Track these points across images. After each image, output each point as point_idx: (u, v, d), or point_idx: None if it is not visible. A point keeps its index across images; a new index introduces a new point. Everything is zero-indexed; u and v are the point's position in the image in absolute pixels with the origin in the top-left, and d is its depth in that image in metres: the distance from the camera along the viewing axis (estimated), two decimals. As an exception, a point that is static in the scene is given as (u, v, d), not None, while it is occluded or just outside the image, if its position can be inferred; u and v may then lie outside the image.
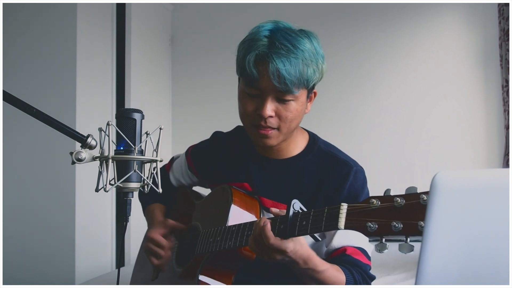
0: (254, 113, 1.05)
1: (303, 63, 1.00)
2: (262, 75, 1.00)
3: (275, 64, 0.98)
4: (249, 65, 1.01)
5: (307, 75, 1.01)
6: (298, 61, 0.99)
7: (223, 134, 1.31)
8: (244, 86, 1.06)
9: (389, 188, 0.76)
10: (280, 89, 1.00)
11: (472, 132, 2.75)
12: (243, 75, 1.04)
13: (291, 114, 1.04)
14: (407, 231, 0.71)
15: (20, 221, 2.58)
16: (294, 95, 1.02)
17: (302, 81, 1.01)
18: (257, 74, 1.00)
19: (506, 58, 2.58)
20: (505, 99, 2.61)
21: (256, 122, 1.05)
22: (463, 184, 0.50)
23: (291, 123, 1.06)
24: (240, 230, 1.01)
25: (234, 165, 1.21)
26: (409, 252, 0.71)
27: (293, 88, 1.00)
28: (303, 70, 1.00)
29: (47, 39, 2.60)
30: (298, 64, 0.99)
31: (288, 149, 1.15)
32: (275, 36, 1.01)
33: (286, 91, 1.01)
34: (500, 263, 0.49)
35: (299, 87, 1.02)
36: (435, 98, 2.82)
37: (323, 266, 0.95)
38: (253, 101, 1.05)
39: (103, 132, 0.81)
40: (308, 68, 1.01)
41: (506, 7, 2.59)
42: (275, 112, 1.03)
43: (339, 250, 1.05)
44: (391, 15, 2.94)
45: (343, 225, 0.79)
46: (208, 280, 1.06)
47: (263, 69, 1.00)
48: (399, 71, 2.92)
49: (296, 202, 0.89)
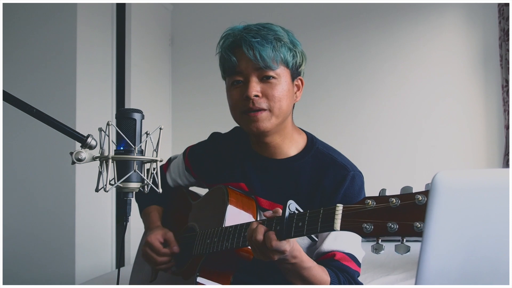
0: (241, 99, 1.07)
1: (276, 40, 1.06)
2: (240, 57, 1.06)
3: (248, 40, 1.04)
4: (226, 53, 1.08)
5: (282, 52, 1.06)
6: (270, 37, 1.05)
7: (221, 135, 1.31)
8: (229, 78, 1.10)
9: (384, 188, 0.76)
10: (259, 65, 1.04)
11: (472, 132, 2.75)
12: (225, 68, 1.10)
13: (277, 92, 1.06)
14: (402, 232, 0.71)
15: (20, 221, 2.58)
16: (275, 71, 1.06)
17: (278, 56, 1.05)
18: (235, 58, 1.06)
19: (506, 58, 2.58)
20: (505, 99, 2.61)
21: (245, 107, 1.07)
22: (463, 184, 0.50)
23: (280, 102, 1.07)
24: (237, 231, 1.01)
25: (231, 165, 1.21)
26: (406, 253, 0.71)
27: (271, 62, 1.04)
28: (276, 45, 1.05)
29: (47, 39, 2.60)
30: (271, 39, 1.05)
31: (284, 148, 1.14)
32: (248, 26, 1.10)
33: (265, 66, 1.04)
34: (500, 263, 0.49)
35: (277, 62, 1.05)
36: (435, 98, 2.82)
37: (309, 263, 0.96)
38: (238, 89, 1.08)
39: (103, 132, 0.81)
40: (282, 46, 1.06)
41: (506, 7, 2.59)
42: (261, 93, 1.06)
43: (328, 254, 1.05)
44: (391, 15, 2.94)
45: (339, 226, 0.78)
46: (206, 282, 1.06)
47: (239, 52, 1.06)
48: (399, 71, 2.92)
49: (292, 203, 0.89)
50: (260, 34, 1.05)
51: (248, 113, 1.07)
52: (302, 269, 0.94)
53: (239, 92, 1.08)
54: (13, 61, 2.63)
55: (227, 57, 1.07)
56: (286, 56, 1.07)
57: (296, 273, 0.95)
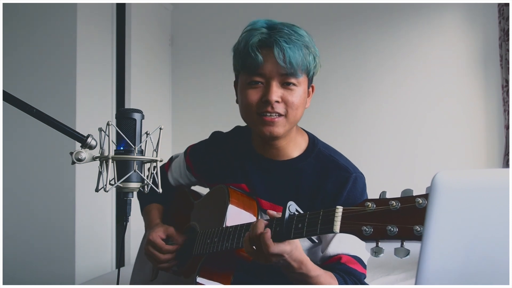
0: (260, 101, 1.05)
1: (305, 47, 1.04)
2: (267, 59, 1.02)
3: (280, 43, 1.01)
4: (252, 50, 1.03)
5: (309, 60, 1.05)
6: (300, 44, 1.03)
7: (222, 134, 1.30)
8: (247, 76, 1.06)
9: (384, 190, 0.76)
10: (285, 71, 1.02)
11: (472, 132, 2.75)
12: (246, 64, 1.05)
13: (296, 99, 1.05)
14: (402, 235, 0.70)
15: (20, 221, 2.58)
16: (298, 79, 1.04)
17: (305, 64, 1.04)
18: (262, 58, 1.02)
19: (506, 58, 2.58)
20: (505, 99, 2.60)
21: (262, 110, 1.05)
22: (463, 184, 0.50)
23: (297, 110, 1.06)
24: (237, 231, 1.01)
25: (232, 165, 1.20)
26: (405, 257, 0.70)
27: (298, 71, 1.02)
28: (305, 53, 1.03)
29: (47, 39, 2.60)
30: (301, 46, 1.03)
31: (288, 150, 1.14)
32: (273, 24, 1.05)
33: (291, 73, 1.02)
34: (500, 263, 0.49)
35: (302, 70, 1.04)
36: (435, 98, 2.82)
37: (316, 271, 0.95)
38: (257, 90, 1.05)
39: (103, 132, 0.81)
40: (309, 53, 1.05)
41: (506, 7, 2.59)
42: (281, 98, 1.04)
43: (334, 258, 1.05)
44: (391, 15, 2.94)
45: (338, 228, 0.78)
46: (206, 282, 1.06)
47: (267, 53, 1.02)
48: (399, 71, 2.92)
49: (292, 204, 0.88)
50: (291, 39, 1.02)
51: (263, 116, 1.05)
52: (310, 278, 0.94)
53: (258, 94, 1.05)
54: (13, 61, 2.63)
55: (254, 56, 1.02)
56: (311, 65, 1.06)
57: (304, 282, 0.95)
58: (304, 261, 0.92)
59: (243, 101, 1.08)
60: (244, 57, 1.05)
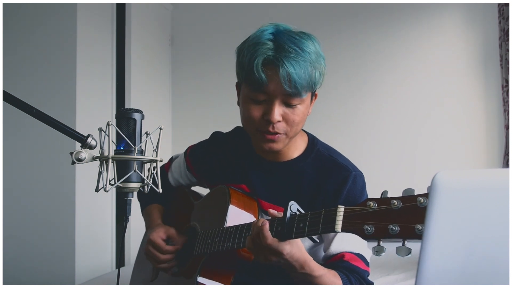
0: (261, 119, 1.03)
1: (311, 66, 0.99)
2: (271, 79, 0.98)
3: (286, 68, 0.96)
4: (257, 69, 0.98)
5: (315, 78, 1.01)
6: (307, 64, 0.99)
7: (222, 134, 1.30)
8: (250, 91, 1.03)
9: (386, 190, 0.76)
10: (289, 93, 0.99)
11: (472, 132, 2.75)
12: (249, 80, 1.02)
13: (298, 117, 1.03)
14: (404, 234, 0.71)
15: (20, 221, 2.58)
16: (302, 98, 1.02)
17: (311, 84, 1.01)
18: (266, 78, 0.98)
19: (506, 58, 2.58)
20: (505, 99, 2.60)
21: (263, 128, 1.04)
22: (463, 184, 0.50)
23: (297, 126, 1.05)
24: (238, 231, 1.01)
25: (233, 166, 1.20)
26: (407, 255, 0.71)
27: (302, 92, 0.99)
28: (311, 73, 0.99)
29: (47, 39, 2.60)
30: (307, 67, 0.99)
31: (288, 151, 1.14)
32: (280, 39, 1.00)
33: (295, 95, 0.99)
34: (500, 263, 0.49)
35: (307, 90, 1.01)
36: (435, 98, 2.82)
37: (320, 271, 0.95)
38: (259, 107, 1.03)
39: (103, 132, 0.81)
40: (316, 71, 1.01)
41: (506, 7, 2.59)
42: (282, 117, 1.02)
43: (337, 256, 1.05)
44: (391, 15, 2.94)
45: (340, 228, 0.78)
46: (206, 282, 1.06)
47: (272, 73, 0.98)
48: (399, 71, 2.92)
49: (294, 204, 0.88)
50: (298, 61, 0.97)
51: (264, 134, 1.04)
52: (314, 278, 0.94)
53: (260, 111, 1.03)
54: (13, 62, 2.63)
55: (258, 75, 0.99)
56: (316, 83, 1.03)
57: (308, 283, 0.95)
58: (307, 261, 0.92)
59: (245, 113, 1.07)
60: (247, 72, 1.02)
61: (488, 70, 2.73)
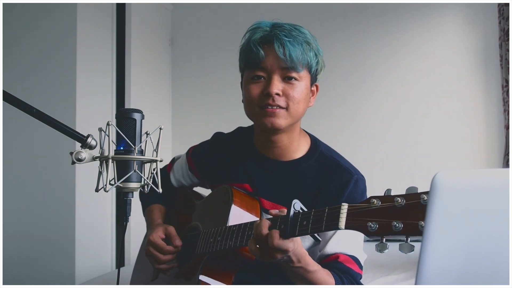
0: (261, 95, 1.07)
1: (305, 43, 1.07)
2: (268, 53, 1.06)
3: (280, 38, 1.04)
4: (254, 45, 1.07)
5: (309, 56, 1.07)
6: (301, 39, 1.06)
7: (224, 134, 1.30)
8: (250, 71, 1.09)
9: (389, 188, 0.76)
10: (286, 65, 1.05)
11: (472, 132, 2.75)
12: (248, 60, 1.09)
13: (297, 94, 1.07)
14: (407, 231, 0.71)
15: (20, 221, 2.58)
16: (299, 73, 1.06)
17: (305, 59, 1.07)
18: (263, 53, 1.05)
19: (506, 58, 2.58)
20: (505, 99, 2.60)
21: (263, 102, 1.07)
22: (463, 184, 0.50)
23: (298, 104, 1.08)
24: (241, 230, 1.01)
25: (235, 165, 1.20)
26: (410, 252, 0.71)
27: (298, 65, 1.05)
28: (305, 48, 1.06)
29: (47, 39, 2.60)
30: (301, 42, 1.06)
31: (290, 151, 1.14)
32: (277, 23, 1.10)
33: (291, 67, 1.05)
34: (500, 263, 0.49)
35: (303, 65, 1.07)
36: (435, 98, 2.82)
37: (314, 266, 0.96)
38: (258, 85, 1.08)
39: (103, 132, 0.81)
40: (310, 50, 1.07)
41: (506, 7, 2.59)
42: (282, 92, 1.06)
43: (332, 257, 1.05)
44: (391, 15, 2.94)
45: (344, 225, 0.79)
46: (208, 280, 1.06)
47: (268, 48, 1.06)
48: (399, 71, 2.92)
49: (297, 202, 0.89)
50: (291, 34, 1.06)
51: (265, 108, 1.07)
52: (308, 273, 0.94)
53: (260, 88, 1.08)
54: (13, 62, 2.63)
55: (255, 50, 1.06)
56: (311, 60, 1.08)
57: (302, 277, 0.95)
58: (303, 255, 0.93)
59: (246, 96, 1.11)
60: (247, 54, 1.09)
61: (488, 70, 2.73)
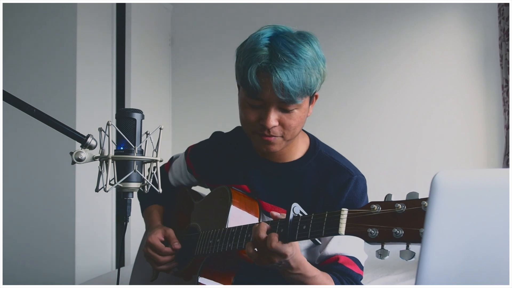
0: (257, 123, 1.03)
1: (306, 73, 0.97)
2: (265, 87, 0.97)
3: (279, 77, 0.95)
4: (251, 78, 0.98)
5: (311, 84, 0.99)
6: (301, 72, 0.97)
7: (222, 134, 1.30)
8: (246, 96, 1.03)
9: (390, 193, 0.76)
10: (283, 100, 0.98)
11: (472, 132, 2.75)
12: (245, 86, 1.01)
13: (294, 122, 1.02)
14: (408, 238, 0.71)
15: (20, 221, 2.58)
16: (298, 104, 1.00)
17: (306, 91, 0.99)
18: (260, 86, 0.97)
19: (506, 58, 2.58)
20: (505, 99, 2.60)
21: (259, 131, 1.04)
22: (463, 184, 0.50)
23: (294, 130, 1.04)
24: (240, 232, 1.01)
25: (233, 166, 1.20)
26: (410, 259, 0.71)
27: (297, 99, 0.98)
28: (306, 80, 0.98)
29: (47, 39, 2.60)
30: (301, 75, 0.97)
31: (289, 152, 1.13)
32: (275, 45, 0.98)
33: (290, 102, 0.98)
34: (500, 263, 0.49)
35: (303, 96, 1.00)
36: (435, 98, 2.82)
37: (313, 272, 0.95)
38: (255, 111, 1.03)
39: (103, 132, 0.81)
40: (311, 77, 0.99)
41: (506, 7, 2.59)
42: (278, 121, 1.02)
43: (332, 258, 1.05)
44: (391, 15, 2.94)
45: (344, 230, 0.78)
46: (207, 282, 1.06)
47: (265, 81, 0.97)
48: (399, 71, 2.91)
49: (296, 206, 0.88)
50: (292, 69, 0.95)
51: (262, 136, 1.04)
52: (307, 279, 0.94)
53: (256, 115, 1.03)
54: (13, 62, 2.63)
55: (251, 84, 0.98)
56: (313, 87, 1.01)
57: (301, 283, 0.95)
58: (302, 261, 0.93)
59: (242, 115, 1.07)
60: (243, 79, 1.01)
61: (488, 70, 2.73)
